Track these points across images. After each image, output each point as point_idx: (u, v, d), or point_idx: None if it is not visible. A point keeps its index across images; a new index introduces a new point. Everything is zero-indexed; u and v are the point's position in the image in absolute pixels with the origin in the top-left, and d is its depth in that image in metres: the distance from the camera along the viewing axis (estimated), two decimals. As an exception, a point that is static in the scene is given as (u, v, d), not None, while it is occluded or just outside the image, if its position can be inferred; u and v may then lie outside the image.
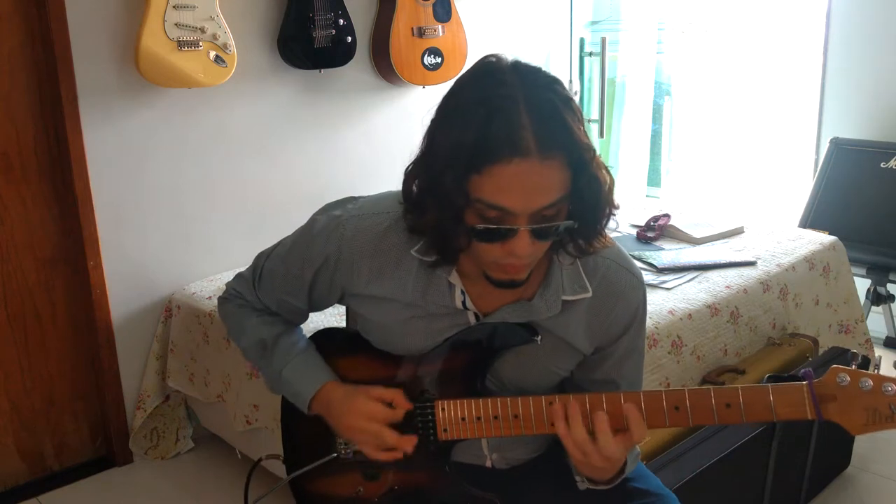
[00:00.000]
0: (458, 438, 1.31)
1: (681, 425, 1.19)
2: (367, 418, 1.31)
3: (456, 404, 1.30)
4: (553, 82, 1.14)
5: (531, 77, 1.13)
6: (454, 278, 1.29)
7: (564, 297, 1.29)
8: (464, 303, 1.30)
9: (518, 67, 1.14)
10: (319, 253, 1.35)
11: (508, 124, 1.08)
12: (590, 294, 1.30)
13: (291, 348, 1.42)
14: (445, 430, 1.31)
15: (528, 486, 1.43)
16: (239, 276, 1.50)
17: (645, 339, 1.42)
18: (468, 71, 1.18)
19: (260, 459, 1.55)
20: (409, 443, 1.30)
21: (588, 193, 1.15)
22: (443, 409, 1.31)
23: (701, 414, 1.19)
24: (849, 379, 1.12)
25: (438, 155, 1.14)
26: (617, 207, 1.22)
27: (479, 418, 1.28)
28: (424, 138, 1.19)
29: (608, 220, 1.22)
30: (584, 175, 1.13)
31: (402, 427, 1.31)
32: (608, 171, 1.20)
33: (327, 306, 1.46)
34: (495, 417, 1.27)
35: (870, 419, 1.11)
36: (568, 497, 1.39)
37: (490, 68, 1.14)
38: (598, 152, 1.17)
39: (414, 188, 1.21)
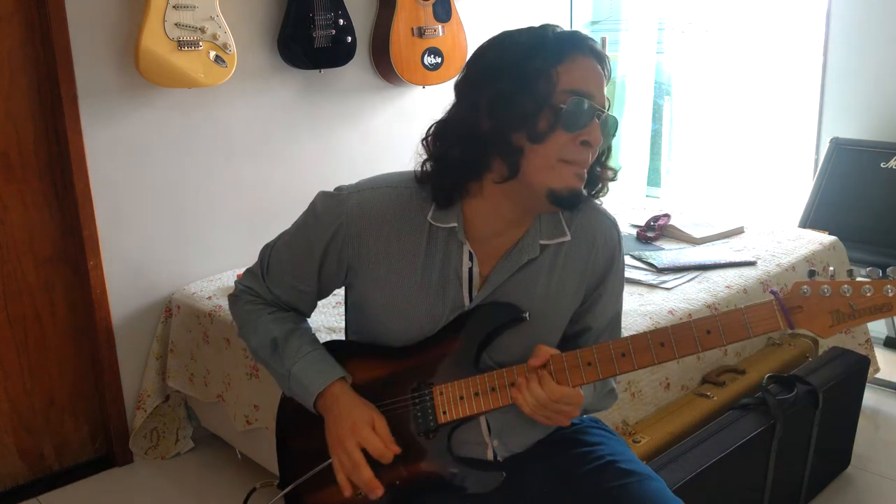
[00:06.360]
0: (457, 418, 1.34)
1: (668, 359, 1.26)
2: (357, 443, 1.33)
3: (453, 385, 1.35)
4: None
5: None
6: (462, 236, 1.34)
7: (542, 241, 1.36)
8: (470, 256, 1.35)
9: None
10: (326, 231, 1.38)
11: (566, 32, 1.30)
12: (567, 237, 1.38)
13: (301, 346, 1.44)
14: (445, 413, 1.35)
15: (527, 474, 1.45)
16: (248, 272, 1.53)
17: (623, 288, 1.50)
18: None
19: (254, 489, 1.56)
20: (378, 487, 1.33)
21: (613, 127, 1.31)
22: (441, 393, 1.35)
23: (685, 345, 1.26)
24: (809, 289, 1.21)
25: (503, 73, 1.26)
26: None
27: (476, 394, 1.33)
28: (459, 96, 1.32)
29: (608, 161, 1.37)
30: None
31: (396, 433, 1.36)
32: None
33: (335, 287, 1.49)
34: (492, 389, 1.33)
35: (835, 320, 1.20)
36: (566, 483, 1.43)
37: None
38: None
39: (437, 141, 1.32)
